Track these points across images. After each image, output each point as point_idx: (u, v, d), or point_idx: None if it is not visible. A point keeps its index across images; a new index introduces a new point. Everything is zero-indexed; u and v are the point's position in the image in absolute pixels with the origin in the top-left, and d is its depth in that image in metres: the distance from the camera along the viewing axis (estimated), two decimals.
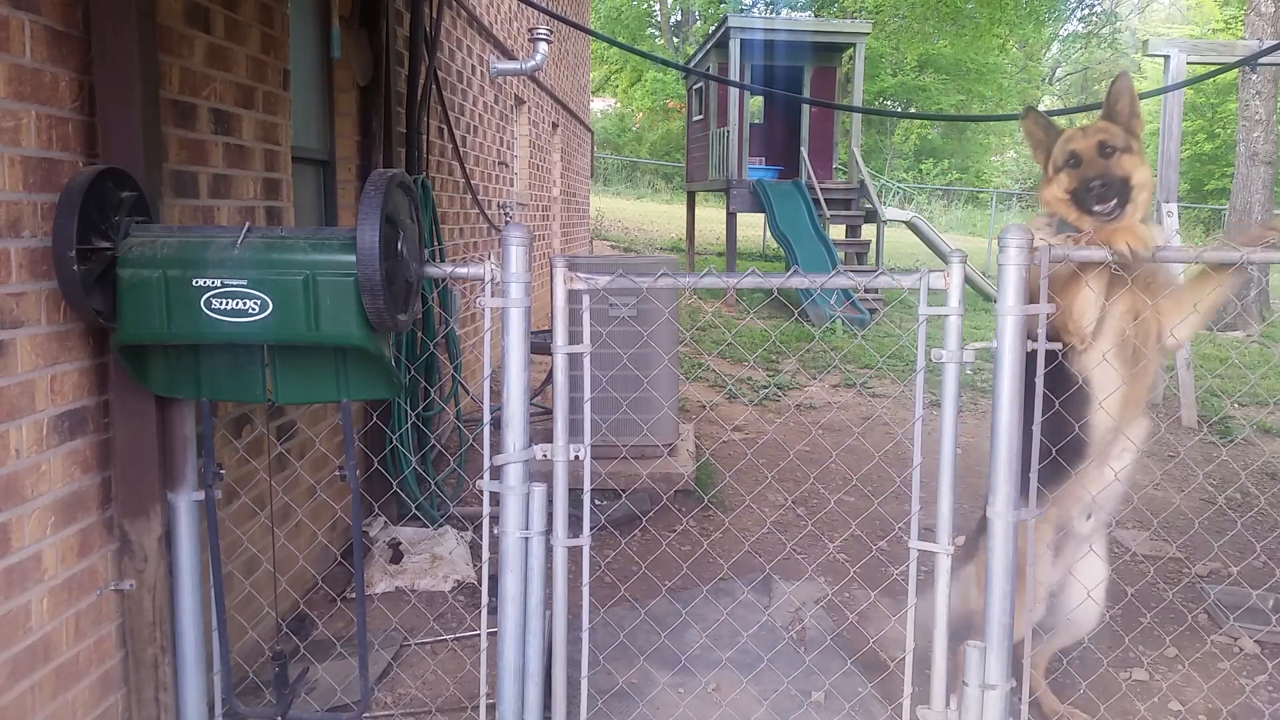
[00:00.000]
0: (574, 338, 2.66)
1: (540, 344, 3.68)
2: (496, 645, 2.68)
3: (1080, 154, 2.85)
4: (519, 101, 10.39)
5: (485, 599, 2.76)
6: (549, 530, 2.69)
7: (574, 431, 2.73)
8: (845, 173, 17.46)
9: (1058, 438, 2.82)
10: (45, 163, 2.38)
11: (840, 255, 14.20)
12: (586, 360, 2.69)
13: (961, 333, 2.56)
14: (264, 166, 3.60)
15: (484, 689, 2.84)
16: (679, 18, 42.11)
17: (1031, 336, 2.57)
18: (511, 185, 9.47)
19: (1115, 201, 2.77)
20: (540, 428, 6.47)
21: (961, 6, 25.88)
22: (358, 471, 2.92)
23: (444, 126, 6.17)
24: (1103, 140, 2.84)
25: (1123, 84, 2.92)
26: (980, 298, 14.63)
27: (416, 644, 3.79)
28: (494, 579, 2.75)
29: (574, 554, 2.76)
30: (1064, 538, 3.10)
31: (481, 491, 2.70)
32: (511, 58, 8.63)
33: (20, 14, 2.29)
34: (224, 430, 3.26)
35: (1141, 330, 2.81)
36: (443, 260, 5.05)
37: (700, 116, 17.60)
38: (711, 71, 16.43)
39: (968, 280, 16.89)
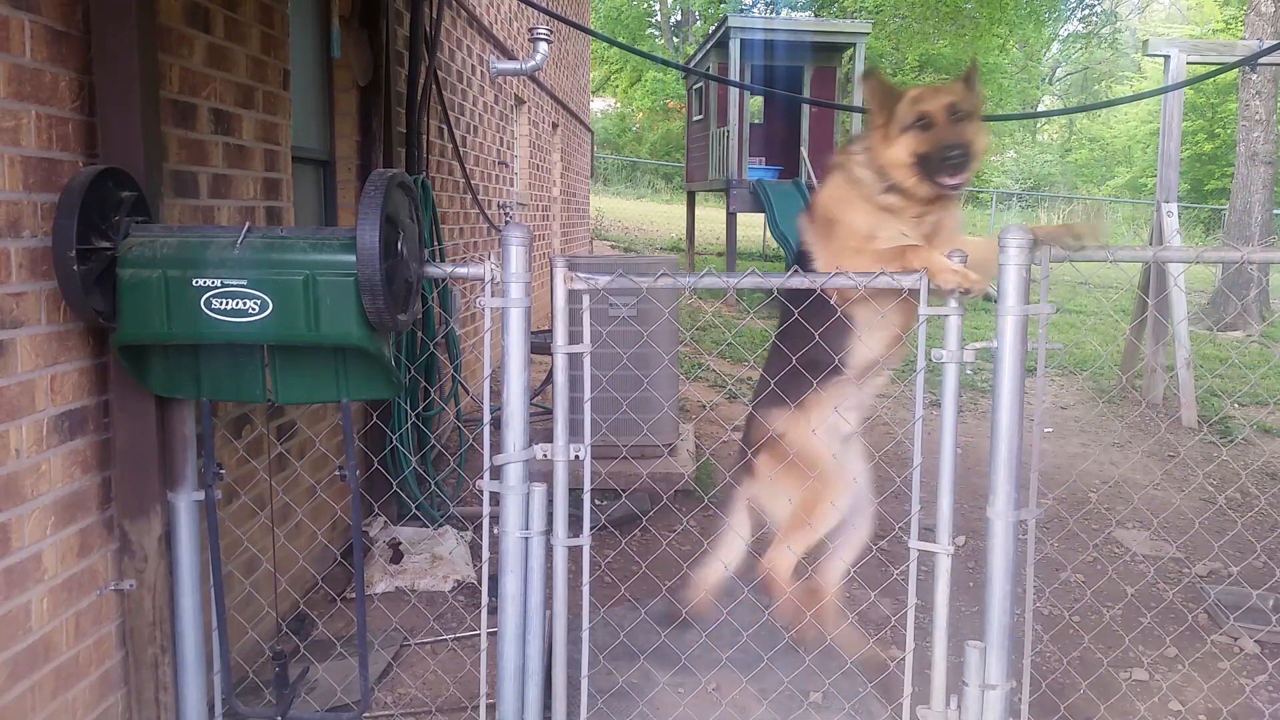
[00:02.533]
0: (574, 338, 2.66)
1: (540, 344, 3.68)
2: (496, 645, 2.68)
3: (932, 116, 2.72)
4: (519, 101, 10.39)
5: (485, 599, 2.76)
6: (549, 530, 2.69)
7: (574, 431, 2.73)
8: None
9: (824, 356, 2.89)
10: (45, 163, 2.38)
11: None
12: (586, 360, 2.68)
13: (961, 333, 2.56)
14: (264, 166, 3.60)
15: (484, 689, 2.84)
16: (679, 18, 42.11)
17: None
18: (511, 185, 9.47)
19: (964, 175, 2.69)
20: (540, 428, 6.46)
21: (961, 6, 25.88)
22: (358, 471, 2.92)
23: (444, 126, 6.17)
24: (953, 103, 2.74)
25: (970, 68, 2.87)
26: (980, 297, 14.60)
27: (416, 644, 3.79)
28: (494, 579, 2.75)
29: (574, 554, 2.76)
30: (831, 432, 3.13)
31: (481, 491, 2.70)
32: (511, 58, 8.63)
33: (20, 14, 2.29)
34: (224, 430, 3.26)
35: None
36: (443, 260, 5.05)
37: (700, 116, 17.60)
38: (711, 71, 16.43)
39: None
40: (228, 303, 2.39)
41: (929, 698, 2.66)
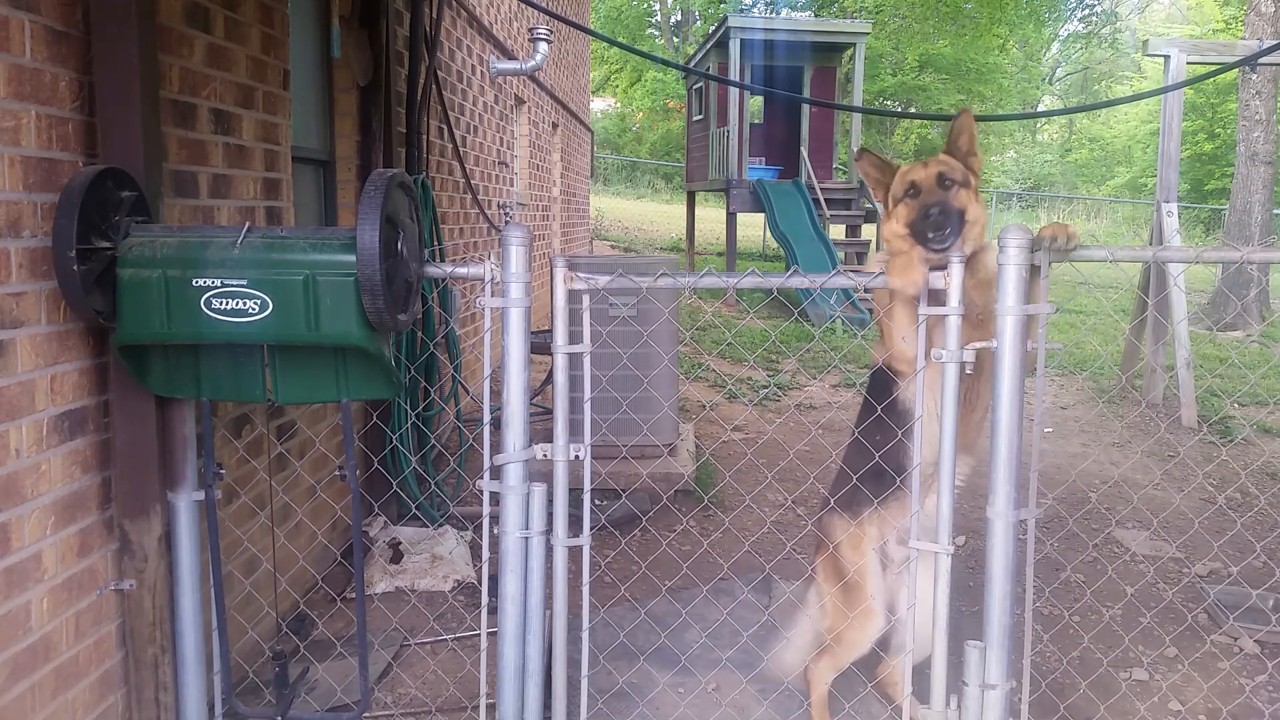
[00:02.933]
0: (574, 338, 2.66)
1: (540, 344, 3.68)
2: (496, 645, 2.68)
3: (919, 184, 2.81)
4: (519, 101, 10.39)
5: (485, 599, 2.76)
6: (549, 530, 2.69)
7: (574, 431, 2.73)
8: (845, 173, 17.46)
9: (886, 459, 2.87)
10: (45, 163, 2.38)
11: (840, 255, 14.20)
12: (586, 360, 2.69)
13: (961, 332, 2.56)
14: (264, 166, 3.60)
15: (484, 689, 2.84)
16: (679, 18, 42.11)
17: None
18: (511, 185, 9.47)
19: (949, 231, 2.69)
20: (540, 428, 6.47)
21: (961, 6, 25.90)
22: (358, 471, 2.92)
23: (444, 126, 6.17)
24: (942, 172, 2.81)
25: (964, 121, 2.88)
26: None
27: (416, 644, 3.79)
28: (494, 579, 2.75)
29: (574, 554, 2.76)
30: (889, 552, 3.08)
31: (481, 491, 2.70)
32: (511, 58, 8.63)
33: (20, 14, 2.29)
34: (224, 430, 3.26)
35: (977, 366, 2.63)
36: (443, 260, 5.05)
37: (700, 116, 17.61)
38: (711, 71, 16.43)
39: None
40: (228, 303, 2.39)
41: (929, 698, 2.66)
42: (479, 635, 2.98)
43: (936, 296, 2.60)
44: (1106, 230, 27.71)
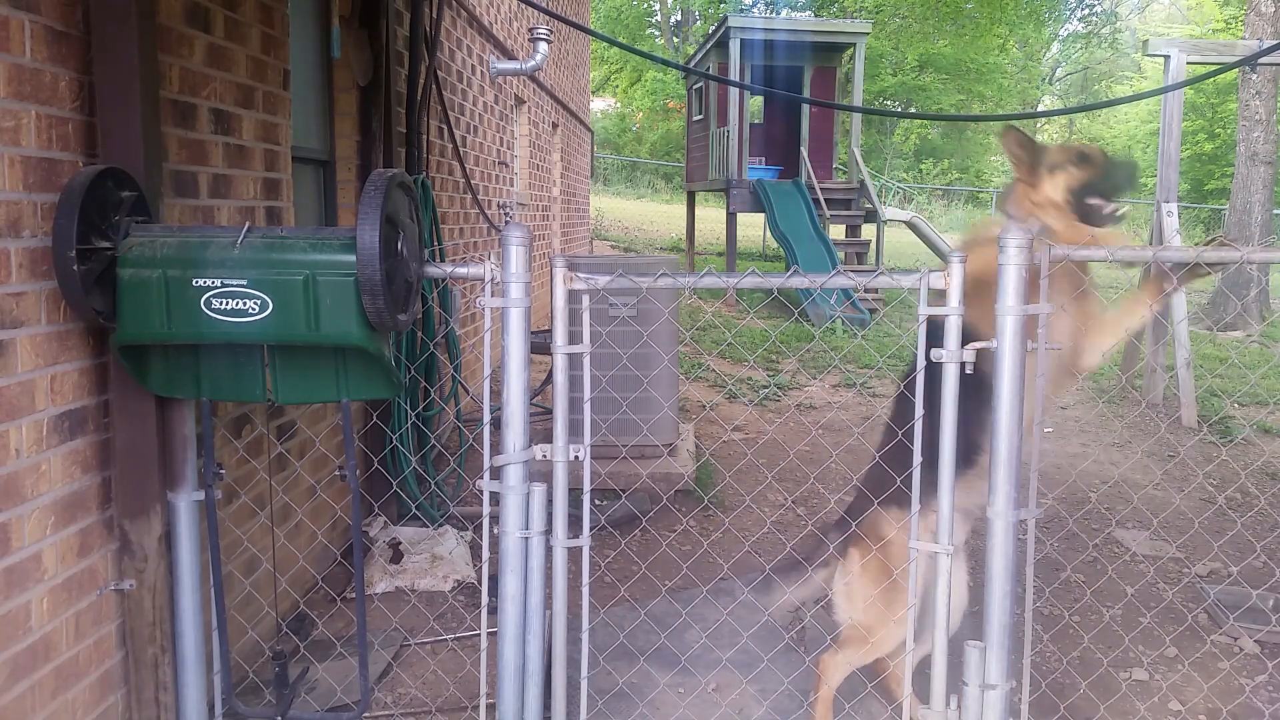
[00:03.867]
0: (574, 338, 2.66)
1: (540, 344, 3.68)
2: (496, 645, 2.68)
3: (1090, 156, 2.94)
4: (519, 101, 10.39)
5: (485, 599, 2.76)
6: (549, 530, 2.69)
7: (574, 431, 2.73)
8: (845, 172, 17.46)
9: (964, 437, 2.71)
10: (45, 163, 2.38)
11: (840, 255, 14.20)
12: (586, 360, 2.69)
13: (961, 332, 2.56)
14: (264, 166, 3.60)
15: (484, 689, 2.84)
16: (679, 18, 42.11)
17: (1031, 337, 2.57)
18: (511, 185, 9.47)
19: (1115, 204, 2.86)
20: (540, 428, 6.46)
21: (961, 6, 25.91)
22: (358, 471, 2.92)
23: (444, 126, 6.17)
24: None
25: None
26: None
27: (416, 644, 3.79)
28: (494, 579, 2.75)
29: (574, 554, 2.76)
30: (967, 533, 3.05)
31: (481, 491, 2.70)
32: (511, 58, 8.63)
33: (20, 14, 2.29)
34: (224, 430, 3.26)
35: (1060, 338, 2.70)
36: (443, 260, 5.05)
37: (700, 116, 17.60)
38: (711, 71, 16.43)
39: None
40: (228, 303, 2.39)
41: (929, 698, 2.66)
42: (479, 635, 2.98)
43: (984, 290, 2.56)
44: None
